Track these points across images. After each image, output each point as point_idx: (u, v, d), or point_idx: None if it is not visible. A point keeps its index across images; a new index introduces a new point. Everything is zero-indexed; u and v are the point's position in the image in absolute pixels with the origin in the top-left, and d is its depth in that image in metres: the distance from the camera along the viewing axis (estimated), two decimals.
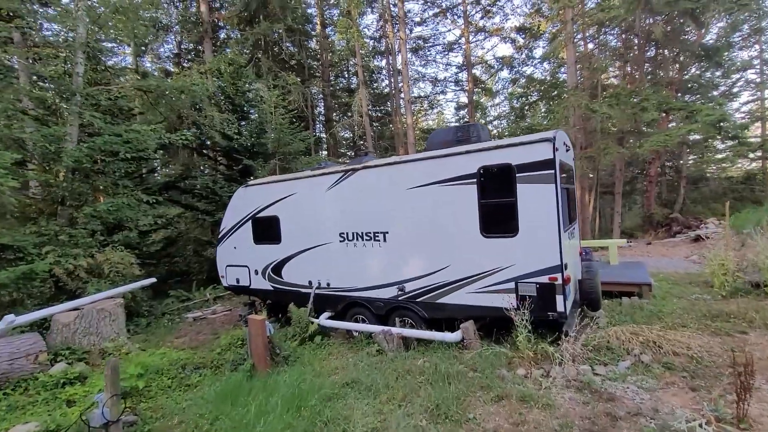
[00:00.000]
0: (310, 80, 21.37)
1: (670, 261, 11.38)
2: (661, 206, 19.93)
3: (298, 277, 6.72)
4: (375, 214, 5.76)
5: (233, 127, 12.56)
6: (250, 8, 17.40)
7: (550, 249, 4.43)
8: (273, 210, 6.93)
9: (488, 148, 4.78)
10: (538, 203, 4.46)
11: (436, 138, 5.81)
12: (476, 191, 4.86)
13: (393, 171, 5.57)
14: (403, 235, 5.53)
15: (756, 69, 21.04)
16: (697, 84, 16.78)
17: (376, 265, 5.84)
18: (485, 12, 23.54)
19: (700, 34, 16.42)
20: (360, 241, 5.93)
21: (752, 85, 21.35)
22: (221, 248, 7.86)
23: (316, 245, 6.45)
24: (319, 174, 6.31)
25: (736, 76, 20.39)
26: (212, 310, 10.03)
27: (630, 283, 6.38)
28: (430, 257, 5.32)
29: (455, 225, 5.06)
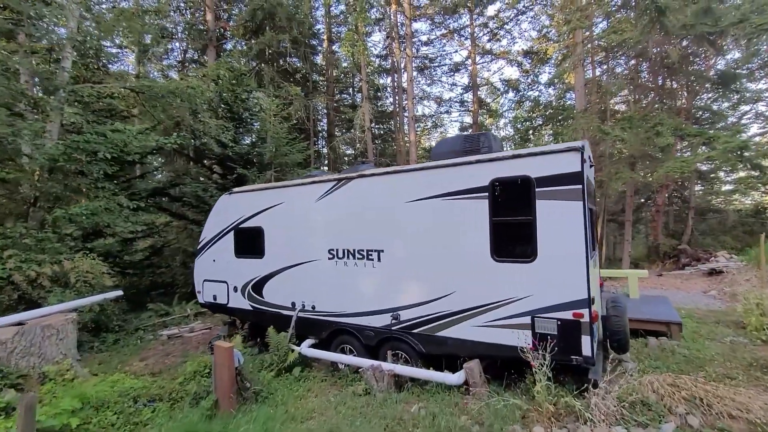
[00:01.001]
0: (314, 93, 21.06)
1: (687, 295, 10.57)
2: (667, 237, 19.23)
3: (281, 297, 5.95)
4: (369, 229, 5.05)
5: (229, 135, 12.01)
6: (257, 18, 17.20)
7: (575, 279, 3.70)
8: (257, 220, 6.23)
9: (503, 157, 4.12)
10: (562, 224, 3.75)
11: (441, 147, 5.16)
12: (487, 207, 4.16)
13: (391, 181, 4.90)
14: (400, 254, 4.81)
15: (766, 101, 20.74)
16: (709, 112, 16.36)
17: (368, 288, 5.09)
18: (492, 35, 23.48)
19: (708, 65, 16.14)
20: (351, 259, 5.20)
21: (762, 117, 21.00)
22: (199, 260, 7.11)
23: (302, 262, 5.72)
24: (309, 182, 5.64)
25: (746, 108, 20.10)
26: (190, 328, 9.19)
27: (657, 321, 5.61)
28: (430, 282, 4.58)
29: (461, 245, 4.34)
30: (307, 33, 19.91)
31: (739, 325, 6.66)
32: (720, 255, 16.84)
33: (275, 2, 16.05)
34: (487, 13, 23.04)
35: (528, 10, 21.19)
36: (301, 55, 20.88)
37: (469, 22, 23.12)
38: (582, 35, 13.69)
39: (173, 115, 11.95)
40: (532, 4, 20.59)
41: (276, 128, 12.69)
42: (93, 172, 8.66)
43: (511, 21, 22.31)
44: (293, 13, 17.34)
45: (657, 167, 11.29)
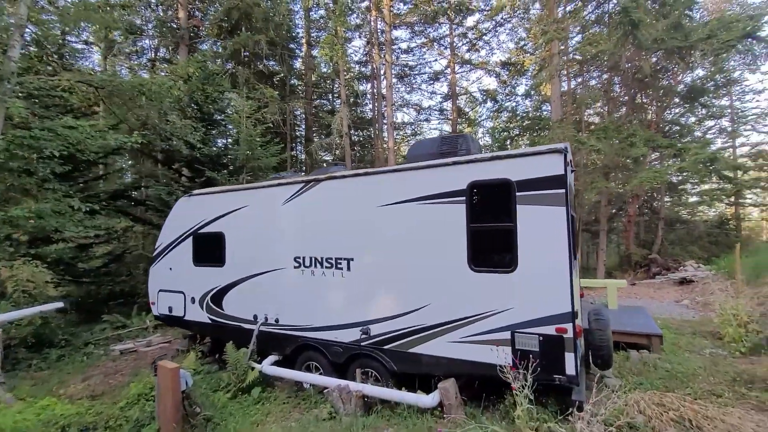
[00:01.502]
0: (291, 97, 20.58)
1: (660, 305, 10.62)
2: (639, 246, 19.64)
3: (242, 310, 5.44)
4: (339, 235, 4.65)
5: (197, 135, 11.39)
6: (232, 18, 16.65)
7: (557, 291, 3.41)
8: (218, 225, 5.72)
9: (482, 159, 3.83)
10: (544, 230, 3.48)
11: (417, 150, 4.84)
12: (465, 212, 3.85)
13: (363, 184, 4.53)
14: (371, 263, 4.43)
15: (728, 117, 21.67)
16: (677, 125, 16.88)
17: (337, 299, 4.67)
18: (471, 45, 23.70)
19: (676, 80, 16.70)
20: (319, 268, 4.78)
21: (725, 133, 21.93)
22: (155, 269, 6.51)
23: (265, 271, 5.25)
24: (275, 184, 5.21)
25: (711, 123, 20.95)
26: (147, 342, 8.49)
27: (638, 333, 5.43)
28: (403, 293, 4.21)
29: (437, 254, 4.01)
30: (284, 36, 19.49)
31: (715, 336, 6.60)
32: (688, 264, 17.28)
33: (251, 2, 15.58)
34: (467, 24, 23.27)
35: (506, 22, 21.51)
36: (278, 58, 20.42)
37: (449, 32, 23.28)
38: (558, 47, 13.86)
39: (138, 114, 11.26)
40: (510, 17, 20.90)
41: (249, 130, 12.16)
42: (39, 171, 7.92)
43: (489, 32, 22.60)
44: (270, 15, 16.90)
45: (631, 177, 11.41)
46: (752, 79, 21.22)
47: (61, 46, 11.98)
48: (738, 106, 21.98)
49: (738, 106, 21.98)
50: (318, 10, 22.25)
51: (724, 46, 10.17)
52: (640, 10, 11.05)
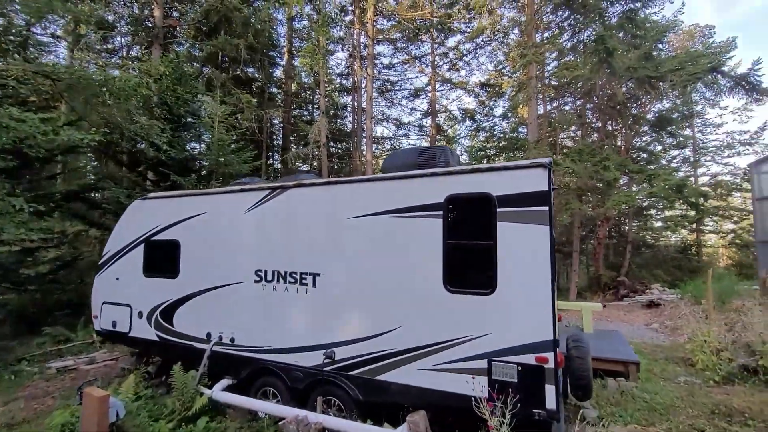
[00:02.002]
0: (269, 104, 20.14)
1: (631, 328, 10.66)
2: (607, 269, 20.06)
3: (194, 327, 4.91)
4: (305, 248, 4.27)
5: (164, 137, 10.77)
6: (211, 20, 16.21)
7: (539, 316, 3.15)
8: (174, 232, 5.21)
9: (461, 171, 3.58)
10: (526, 250, 3.23)
11: (394, 160, 4.56)
12: (441, 228, 3.57)
13: (333, 193, 4.19)
14: (338, 279, 4.06)
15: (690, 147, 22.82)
16: (646, 153, 17.53)
17: (300, 318, 4.25)
18: (452, 65, 24.14)
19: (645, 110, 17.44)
20: (281, 282, 4.35)
21: (688, 163, 23.06)
22: (100, 278, 5.87)
23: (223, 284, 4.76)
24: (238, 190, 4.78)
25: (675, 152, 21.99)
26: (90, 359, 7.68)
27: (615, 360, 5.26)
28: (372, 314, 3.85)
29: (410, 272, 3.69)
30: (265, 42, 19.15)
31: (687, 362, 6.54)
32: (654, 287, 17.74)
33: (232, 6, 15.22)
34: (448, 44, 23.72)
35: (486, 44, 22.02)
36: (257, 65, 20.04)
37: (431, 51, 23.64)
38: (535, 70, 14.17)
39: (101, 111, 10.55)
40: (490, 40, 21.41)
41: (221, 135, 11.63)
42: None
43: (469, 53, 23.08)
44: (251, 20, 16.56)
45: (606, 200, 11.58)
46: (712, 114, 22.41)
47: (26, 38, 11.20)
48: (699, 137, 23.25)
49: (699, 138, 23.25)
50: (301, 20, 22.16)
51: (691, 78, 10.61)
52: (614, 39, 11.44)
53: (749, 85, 10.42)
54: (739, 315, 8.06)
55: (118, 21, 17.89)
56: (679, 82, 10.85)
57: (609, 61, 11.31)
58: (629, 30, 12.13)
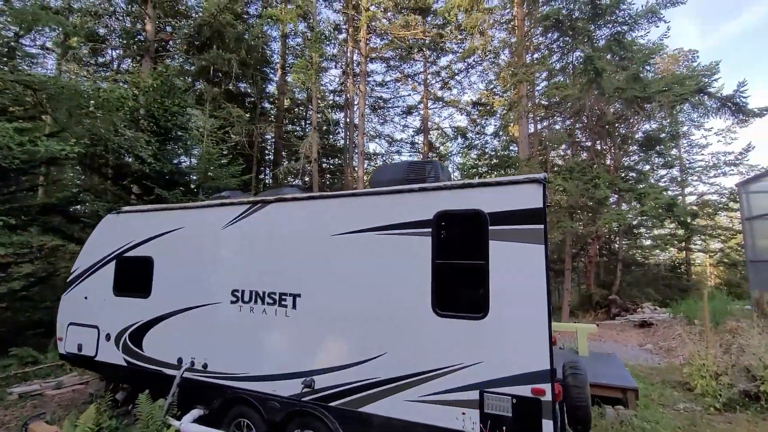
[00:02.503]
0: (261, 119, 20.04)
1: (625, 349, 10.43)
2: (599, 287, 19.95)
3: (165, 351, 4.55)
4: (285, 267, 4.00)
5: (148, 150, 10.51)
6: (204, 35, 16.20)
7: (534, 343, 2.91)
8: (147, 249, 4.90)
9: (452, 186, 3.38)
10: (520, 271, 3.01)
11: (381, 174, 4.37)
12: (430, 246, 3.34)
13: (317, 208, 3.96)
14: (320, 301, 3.78)
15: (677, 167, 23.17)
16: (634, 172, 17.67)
17: (278, 343, 3.95)
18: (444, 83, 24.44)
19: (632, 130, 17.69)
20: (259, 304, 4.06)
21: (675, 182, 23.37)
22: (67, 297, 5.50)
23: (197, 305, 4.45)
24: (217, 204, 4.53)
25: (663, 172, 22.29)
26: (57, 383, 7.20)
27: (613, 386, 5.00)
28: (355, 339, 3.57)
29: (397, 293, 3.44)
30: (258, 58, 19.20)
31: (685, 386, 6.31)
32: (645, 306, 17.63)
33: (225, 21, 15.24)
34: (440, 63, 24.06)
35: (477, 64, 22.37)
36: (250, 80, 20.03)
37: (423, 69, 23.94)
38: (526, 89, 14.31)
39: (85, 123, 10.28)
40: (481, 60, 21.75)
41: (209, 149, 11.40)
42: None
43: (461, 73, 23.41)
44: (244, 36, 16.59)
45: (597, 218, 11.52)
46: (697, 135, 22.87)
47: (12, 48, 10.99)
48: (686, 157, 23.66)
49: (686, 158, 23.65)
50: (296, 38, 22.34)
51: (678, 99, 10.74)
52: (603, 60, 11.61)
53: (735, 106, 10.58)
54: (734, 336, 7.90)
55: (109, 34, 17.82)
56: (666, 103, 10.98)
57: (598, 81, 11.43)
58: (617, 52, 12.35)
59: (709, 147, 23.39)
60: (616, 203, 18.33)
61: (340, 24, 22.54)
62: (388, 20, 20.65)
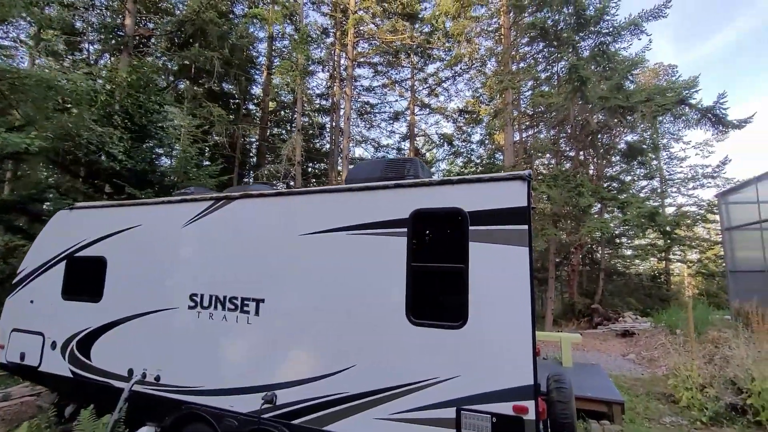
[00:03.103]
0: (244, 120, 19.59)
1: (608, 358, 10.31)
2: (581, 296, 20.01)
3: (115, 362, 4.12)
4: (249, 269, 3.66)
5: (120, 146, 10.01)
6: (185, 32, 15.75)
7: (517, 356, 2.64)
8: (101, 248, 4.48)
9: (429, 183, 3.11)
10: (502, 276, 2.75)
11: (358, 172, 4.08)
12: (405, 248, 3.06)
13: (285, 206, 3.64)
14: (285, 306, 3.45)
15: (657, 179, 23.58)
16: (616, 181, 17.87)
17: (238, 354, 3.58)
18: (431, 90, 24.44)
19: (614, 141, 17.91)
20: (219, 309, 3.70)
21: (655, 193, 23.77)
22: (12, 300, 5.00)
23: (152, 310, 4.05)
24: (177, 200, 4.16)
25: (644, 183, 22.67)
26: (4, 395, 6.61)
27: (598, 399, 4.78)
28: (323, 349, 3.24)
29: (368, 299, 3.14)
30: (242, 58, 18.79)
31: (669, 398, 6.14)
32: (627, 315, 17.71)
33: (207, 18, 14.84)
34: (427, 71, 24.07)
35: (464, 72, 22.44)
36: (233, 80, 19.61)
37: (410, 75, 23.90)
38: (511, 96, 14.31)
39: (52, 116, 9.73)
40: (468, 68, 21.83)
41: (185, 147, 10.95)
42: None
43: (448, 80, 23.44)
44: (228, 34, 16.19)
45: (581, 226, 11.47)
46: (677, 147, 23.41)
47: None
48: (666, 169, 24.14)
49: (666, 169, 24.13)
50: (282, 40, 22.05)
51: (660, 109, 10.82)
52: (587, 69, 11.66)
53: (715, 117, 10.72)
54: (717, 347, 7.83)
55: (87, 29, 17.20)
56: (649, 113, 11.05)
57: (582, 89, 11.45)
58: (602, 62, 12.44)
59: (687, 160, 23.96)
60: (598, 213, 18.49)
61: (328, 28, 22.38)
62: (376, 25, 20.56)
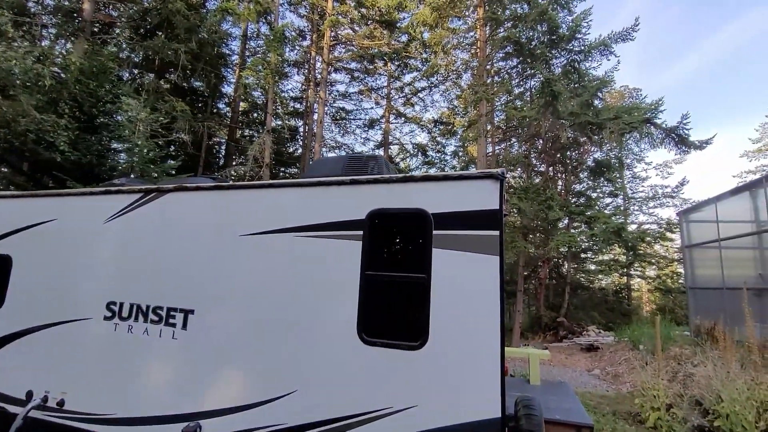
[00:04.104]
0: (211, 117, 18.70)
1: (574, 374, 10.22)
2: (548, 309, 20.23)
3: (12, 381, 3.43)
4: (178, 274, 3.11)
5: (64, 137, 9.11)
6: (151, 21, 14.89)
7: (483, 382, 2.25)
8: (6, 245, 3.78)
9: (389, 180, 2.72)
10: (469, 289, 2.37)
11: (317, 168, 3.64)
12: (360, 254, 2.63)
13: (224, 202, 3.14)
14: (218, 319, 2.93)
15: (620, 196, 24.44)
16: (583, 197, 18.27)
17: (159, 375, 3.02)
18: (406, 99, 24.39)
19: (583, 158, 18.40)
20: (140, 321, 3.12)
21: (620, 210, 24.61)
22: None
23: (61, 321, 3.40)
24: (100, 193, 3.56)
25: (609, 200, 23.41)
26: None
27: (567, 423, 4.48)
28: (260, 371, 2.75)
29: (315, 312, 2.68)
30: (212, 54, 18.01)
31: (636, 418, 5.98)
32: (590, 329, 17.99)
33: (174, 9, 14.07)
34: (404, 80, 24.03)
35: (440, 83, 22.53)
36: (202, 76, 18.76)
37: (387, 84, 23.78)
38: (485, 107, 14.34)
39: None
40: (444, 79, 21.93)
41: (136, 141, 10.12)
42: None
43: (424, 90, 23.47)
44: (197, 28, 15.44)
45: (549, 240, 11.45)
46: (639, 168, 24.42)
47: None
48: (629, 187, 25.09)
49: (629, 187, 25.08)
50: (257, 40, 21.41)
51: (627, 127, 11.04)
52: (559, 84, 11.81)
53: (678, 137, 11.05)
54: (679, 364, 7.82)
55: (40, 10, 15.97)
56: (617, 131, 11.26)
57: (554, 104, 11.56)
58: (573, 78, 12.66)
59: (648, 180, 25.02)
60: (566, 227, 18.83)
61: (305, 30, 21.95)
62: (353, 30, 20.34)
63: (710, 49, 58.65)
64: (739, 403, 4.79)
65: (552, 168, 18.77)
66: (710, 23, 57.37)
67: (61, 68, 10.54)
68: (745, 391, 4.90)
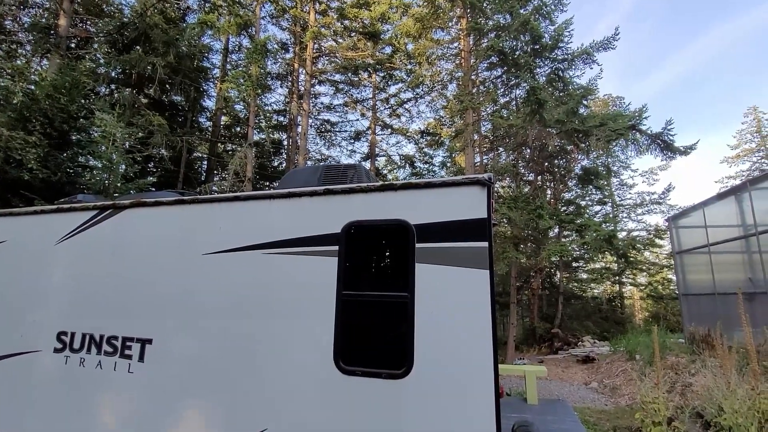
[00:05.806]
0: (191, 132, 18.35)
1: (571, 388, 9.94)
2: (542, 320, 20.03)
3: None
4: (133, 300, 2.79)
5: (33, 154, 8.71)
6: (127, 36, 14.60)
7: (476, 410, 1.98)
8: None
9: (366, 189, 2.47)
10: (457, 308, 2.12)
11: (293, 179, 3.38)
12: (336, 272, 2.36)
13: (186, 217, 2.85)
14: (179, 349, 2.61)
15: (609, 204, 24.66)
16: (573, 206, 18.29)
17: (113, 414, 2.66)
18: (392, 111, 24.40)
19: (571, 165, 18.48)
20: (94, 353, 2.78)
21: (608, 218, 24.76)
22: None
23: (7, 354, 3.04)
24: (52, 210, 3.24)
25: (597, 208, 23.55)
26: None
27: None
28: (224, 407, 2.42)
29: (287, 339, 2.38)
30: (191, 67, 17.76)
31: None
32: (585, 340, 17.79)
33: (152, 23, 13.84)
34: (389, 91, 24.06)
35: (426, 94, 22.61)
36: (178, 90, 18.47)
37: (372, 95, 23.77)
38: (472, 116, 14.33)
39: None
40: (429, 90, 22.02)
41: (109, 156, 9.72)
42: None
43: (410, 101, 23.52)
44: (175, 41, 15.18)
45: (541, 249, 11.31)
46: (626, 175, 24.69)
47: None
48: (617, 194, 25.33)
49: (617, 194, 25.32)
50: (239, 53, 21.27)
51: (613, 134, 11.07)
52: (545, 92, 11.84)
53: (663, 143, 11.11)
54: (677, 373, 7.63)
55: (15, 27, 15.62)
56: (603, 138, 11.28)
57: (540, 112, 11.56)
58: (557, 86, 12.73)
59: (635, 187, 25.28)
60: (556, 236, 18.78)
61: (287, 43, 21.90)
62: (336, 42, 20.37)
63: (683, 61, 60.66)
64: (741, 414, 4.58)
65: (540, 177, 18.82)
66: (678, 40, 59.48)
67: (31, 83, 10.18)
68: (747, 401, 4.70)
